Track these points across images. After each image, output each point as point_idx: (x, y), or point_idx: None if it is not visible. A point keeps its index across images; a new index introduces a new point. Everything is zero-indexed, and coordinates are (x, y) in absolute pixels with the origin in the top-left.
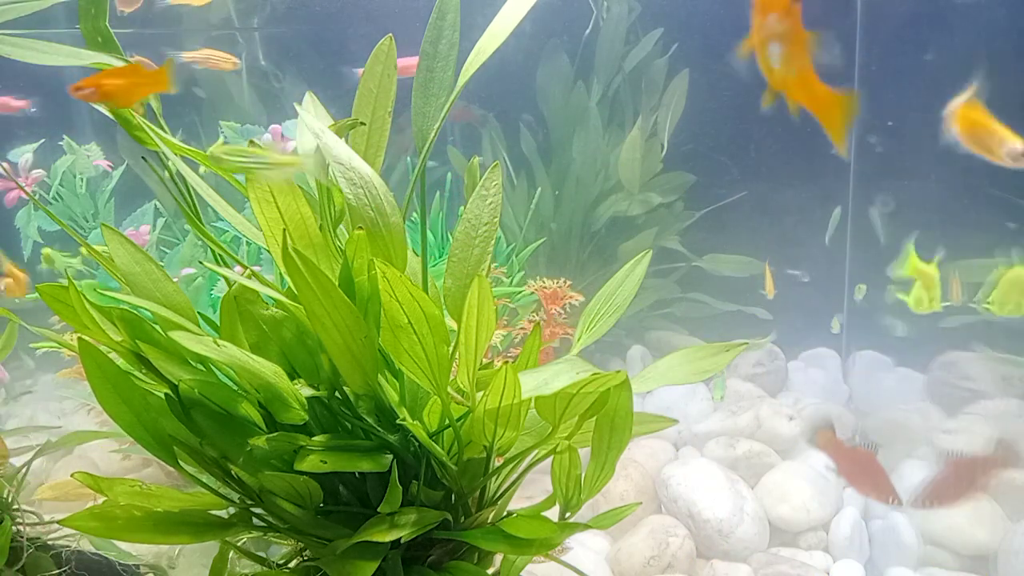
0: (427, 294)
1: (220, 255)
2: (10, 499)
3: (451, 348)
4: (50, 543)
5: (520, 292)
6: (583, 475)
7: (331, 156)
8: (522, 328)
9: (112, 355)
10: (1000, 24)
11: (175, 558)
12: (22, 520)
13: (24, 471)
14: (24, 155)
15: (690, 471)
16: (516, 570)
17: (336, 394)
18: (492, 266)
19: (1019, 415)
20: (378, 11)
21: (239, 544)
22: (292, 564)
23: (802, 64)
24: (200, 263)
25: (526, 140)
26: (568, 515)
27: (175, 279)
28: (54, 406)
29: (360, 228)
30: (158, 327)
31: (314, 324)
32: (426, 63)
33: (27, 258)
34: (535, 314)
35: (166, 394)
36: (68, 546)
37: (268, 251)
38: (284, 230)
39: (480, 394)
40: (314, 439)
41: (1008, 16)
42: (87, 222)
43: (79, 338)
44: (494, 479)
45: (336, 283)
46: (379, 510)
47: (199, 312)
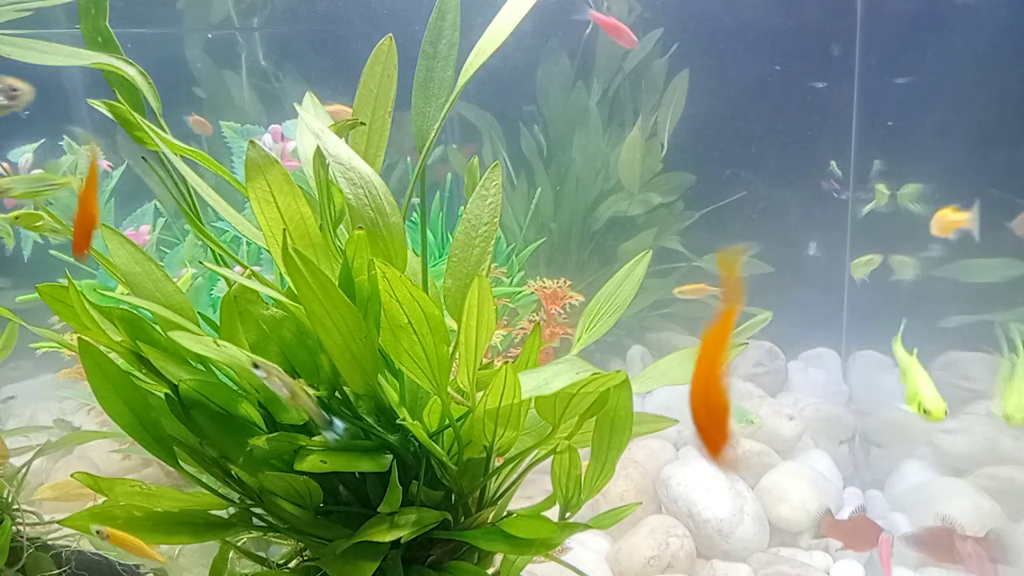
0: (427, 294)
1: (220, 255)
2: (10, 499)
3: (451, 348)
4: (50, 543)
5: (520, 292)
6: (583, 475)
7: (331, 156)
8: (522, 328)
9: (112, 355)
10: (1000, 24)
11: (175, 558)
12: (22, 520)
13: (24, 471)
14: (24, 155)
15: (690, 471)
16: (516, 570)
17: (336, 394)
18: (492, 266)
19: None
20: (378, 11)
21: (239, 544)
22: (292, 564)
23: None
24: (200, 263)
25: (526, 140)
26: (568, 515)
27: (175, 279)
28: (54, 406)
29: (360, 228)
30: (158, 327)
31: (314, 324)
32: (426, 63)
33: (27, 258)
34: (535, 314)
35: (166, 394)
36: (68, 546)
37: (268, 251)
38: (284, 230)
39: (480, 394)
40: (314, 439)
41: (1008, 16)
42: None
43: (79, 338)
44: (494, 479)
45: (336, 283)
46: (379, 510)
47: (199, 312)
